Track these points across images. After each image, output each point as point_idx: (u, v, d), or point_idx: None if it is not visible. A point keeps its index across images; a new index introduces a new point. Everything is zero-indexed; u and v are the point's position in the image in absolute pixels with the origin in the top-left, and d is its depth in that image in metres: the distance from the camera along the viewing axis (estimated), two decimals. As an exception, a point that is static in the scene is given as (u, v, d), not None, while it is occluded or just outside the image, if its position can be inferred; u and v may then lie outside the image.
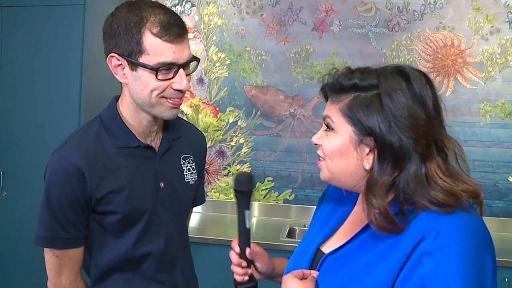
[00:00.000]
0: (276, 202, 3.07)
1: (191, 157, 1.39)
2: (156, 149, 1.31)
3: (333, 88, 0.99)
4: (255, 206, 3.07)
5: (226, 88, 3.09)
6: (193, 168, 1.40)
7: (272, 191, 3.08)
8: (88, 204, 1.23)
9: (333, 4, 2.96)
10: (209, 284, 2.60)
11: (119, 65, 1.20)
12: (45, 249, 1.27)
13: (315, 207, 1.26)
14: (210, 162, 3.10)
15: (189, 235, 1.50)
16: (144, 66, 1.16)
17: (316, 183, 3.00)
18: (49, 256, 1.26)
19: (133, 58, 1.17)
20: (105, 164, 1.23)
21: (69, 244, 1.25)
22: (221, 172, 3.12)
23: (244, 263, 1.16)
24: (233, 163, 3.10)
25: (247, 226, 1.18)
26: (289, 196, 3.06)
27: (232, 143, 3.10)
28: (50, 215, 1.22)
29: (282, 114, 3.06)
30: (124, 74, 1.21)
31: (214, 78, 3.10)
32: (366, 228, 0.97)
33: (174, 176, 1.33)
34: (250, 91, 3.07)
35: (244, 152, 3.09)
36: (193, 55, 1.23)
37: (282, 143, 3.06)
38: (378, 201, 0.91)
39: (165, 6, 1.23)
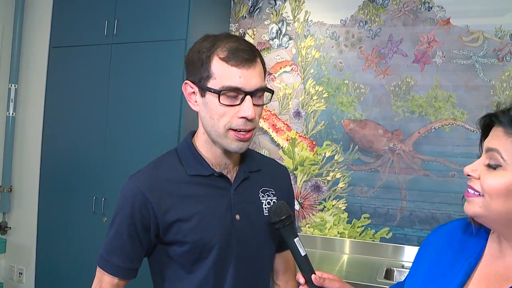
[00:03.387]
0: (373, 240, 2.94)
1: (271, 191, 1.33)
2: (232, 180, 1.27)
3: None
4: (349, 243, 2.96)
5: (323, 121, 3.06)
6: (273, 202, 1.31)
7: (369, 228, 2.95)
8: (148, 233, 1.21)
9: (436, 35, 2.84)
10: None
11: (192, 92, 1.22)
12: (97, 267, 1.28)
13: (413, 247, 1.17)
14: (305, 196, 3.06)
15: None
16: (210, 89, 1.15)
17: (416, 222, 2.83)
18: (96, 277, 1.30)
19: (202, 83, 1.17)
20: (176, 191, 1.21)
21: (116, 272, 1.25)
22: (316, 207, 3.06)
23: None
24: (328, 198, 3.03)
25: (302, 253, 1.13)
26: (386, 234, 2.91)
27: (329, 178, 3.03)
28: (111, 236, 1.24)
29: (381, 149, 2.95)
30: (196, 101, 1.22)
31: (311, 111, 3.08)
32: None
33: (252, 209, 1.28)
34: (348, 125, 3.01)
35: (341, 188, 3.01)
36: (266, 86, 1.19)
37: (381, 179, 2.95)
38: None
39: (242, 38, 1.23)
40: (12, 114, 3.46)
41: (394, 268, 2.69)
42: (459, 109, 2.76)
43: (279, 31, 3.17)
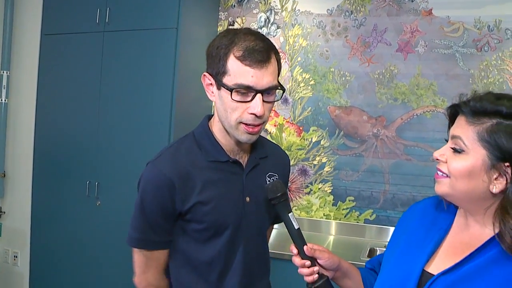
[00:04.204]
0: (357, 222, 3.07)
1: (275, 176, 1.45)
2: (244, 166, 1.39)
3: (474, 109, 1.02)
4: (335, 225, 3.09)
5: (310, 108, 3.16)
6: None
7: (353, 210, 3.09)
8: (176, 212, 1.32)
9: (418, 25, 2.95)
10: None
11: (210, 84, 1.31)
12: (134, 249, 1.38)
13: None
14: (292, 180, 3.18)
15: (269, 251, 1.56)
16: (224, 85, 1.25)
17: (398, 204, 2.97)
18: (138, 255, 1.38)
19: (218, 77, 1.27)
20: (196, 176, 1.32)
21: (157, 246, 1.36)
22: (303, 190, 3.18)
23: (308, 262, 1.22)
24: (315, 182, 3.15)
25: (296, 227, 1.25)
26: (370, 216, 3.05)
27: (315, 162, 3.15)
28: (142, 219, 1.34)
29: (365, 134, 3.07)
30: (213, 93, 1.31)
31: (298, 98, 3.18)
32: (481, 249, 0.99)
33: (259, 192, 1.39)
34: (334, 111, 3.12)
35: (326, 171, 3.13)
36: (279, 84, 1.29)
37: (365, 163, 3.07)
38: None
39: (261, 34, 1.31)
40: (5, 100, 3.50)
41: (377, 248, 2.83)
42: (440, 96, 2.88)
43: (267, 20, 3.25)
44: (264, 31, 3.24)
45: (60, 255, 3.31)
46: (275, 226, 3.19)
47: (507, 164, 0.96)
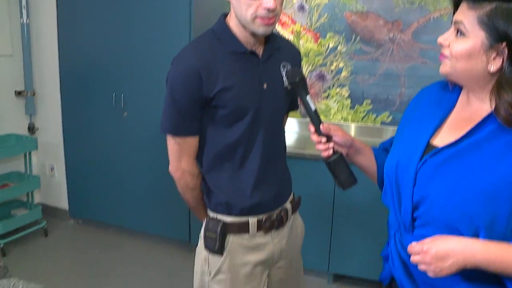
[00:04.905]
0: (374, 124, 3.19)
1: (289, 64, 1.56)
2: (260, 56, 1.51)
3: None
4: (353, 127, 3.22)
5: (326, 14, 3.19)
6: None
7: (370, 113, 3.19)
8: (203, 100, 1.45)
9: None
10: (307, 194, 2.85)
11: None
12: (168, 138, 1.53)
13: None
14: (310, 85, 3.27)
15: (288, 151, 1.70)
16: None
17: (414, 105, 3.05)
18: (172, 144, 1.53)
19: None
20: (218, 66, 1.45)
21: (189, 132, 1.50)
22: (321, 95, 3.28)
23: (324, 139, 1.37)
24: (332, 86, 3.25)
25: (313, 108, 1.39)
26: (387, 118, 3.16)
27: (332, 68, 3.23)
28: (174, 109, 1.47)
29: (381, 39, 3.11)
30: None
31: (315, 5, 3.20)
32: (481, 125, 1.10)
33: (275, 79, 1.52)
34: (350, 17, 3.15)
35: (344, 76, 3.21)
36: None
37: (381, 67, 3.14)
38: (510, 96, 1.05)
39: None
40: (26, 21, 3.58)
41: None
42: (456, -4, 2.87)
43: None
44: None
45: (92, 164, 3.54)
46: (296, 130, 3.35)
47: (504, 44, 1.05)
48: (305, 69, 3.27)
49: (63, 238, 3.62)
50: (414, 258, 1.09)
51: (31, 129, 3.72)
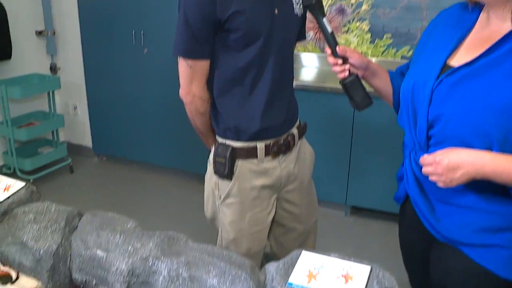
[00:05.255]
0: (394, 59, 3.16)
1: None
2: None
3: None
4: (372, 61, 3.19)
5: None
6: (300, 3, 1.57)
7: (391, 47, 3.16)
8: (217, 22, 1.45)
9: None
10: (327, 127, 2.87)
11: None
12: (180, 61, 1.53)
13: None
14: (330, 19, 3.23)
15: (309, 85, 1.70)
16: None
17: (435, 37, 3.00)
18: (184, 67, 1.54)
19: None
20: None
21: (201, 55, 1.51)
22: (341, 29, 3.25)
23: (340, 61, 1.37)
24: (352, 20, 3.20)
25: (329, 30, 1.39)
26: (407, 52, 3.12)
27: (352, 1, 3.17)
28: (188, 31, 1.47)
29: (403, -29, 3.04)
30: None
31: None
32: (500, 43, 1.09)
33: (286, 5, 1.53)
34: None
35: (364, 10, 3.16)
36: None
37: (402, 1, 3.07)
38: None
39: None
40: (44, -40, 3.57)
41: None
42: None
43: None
44: None
45: (114, 102, 3.61)
46: (316, 64, 3.34)
47: None
48: (325, 2, 3.22)
49: (88, 174, 3.75)
50: (426, 169, 1.12)
51: (53, 68, 3.78)
